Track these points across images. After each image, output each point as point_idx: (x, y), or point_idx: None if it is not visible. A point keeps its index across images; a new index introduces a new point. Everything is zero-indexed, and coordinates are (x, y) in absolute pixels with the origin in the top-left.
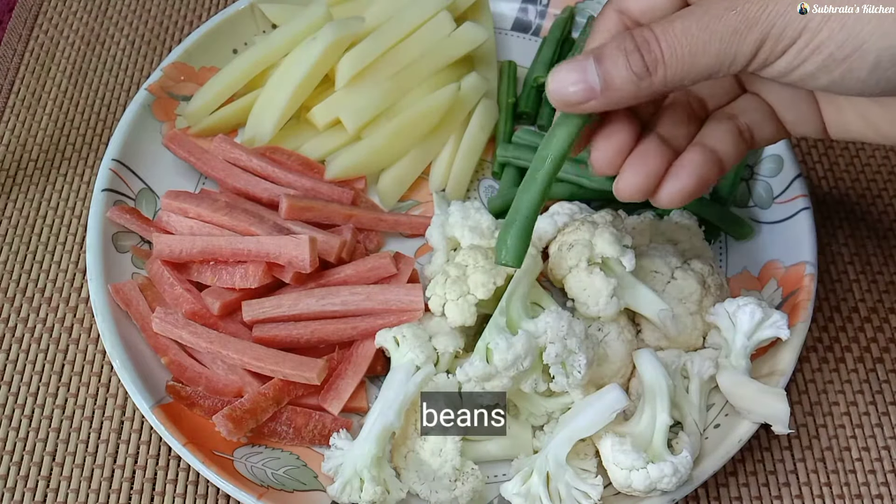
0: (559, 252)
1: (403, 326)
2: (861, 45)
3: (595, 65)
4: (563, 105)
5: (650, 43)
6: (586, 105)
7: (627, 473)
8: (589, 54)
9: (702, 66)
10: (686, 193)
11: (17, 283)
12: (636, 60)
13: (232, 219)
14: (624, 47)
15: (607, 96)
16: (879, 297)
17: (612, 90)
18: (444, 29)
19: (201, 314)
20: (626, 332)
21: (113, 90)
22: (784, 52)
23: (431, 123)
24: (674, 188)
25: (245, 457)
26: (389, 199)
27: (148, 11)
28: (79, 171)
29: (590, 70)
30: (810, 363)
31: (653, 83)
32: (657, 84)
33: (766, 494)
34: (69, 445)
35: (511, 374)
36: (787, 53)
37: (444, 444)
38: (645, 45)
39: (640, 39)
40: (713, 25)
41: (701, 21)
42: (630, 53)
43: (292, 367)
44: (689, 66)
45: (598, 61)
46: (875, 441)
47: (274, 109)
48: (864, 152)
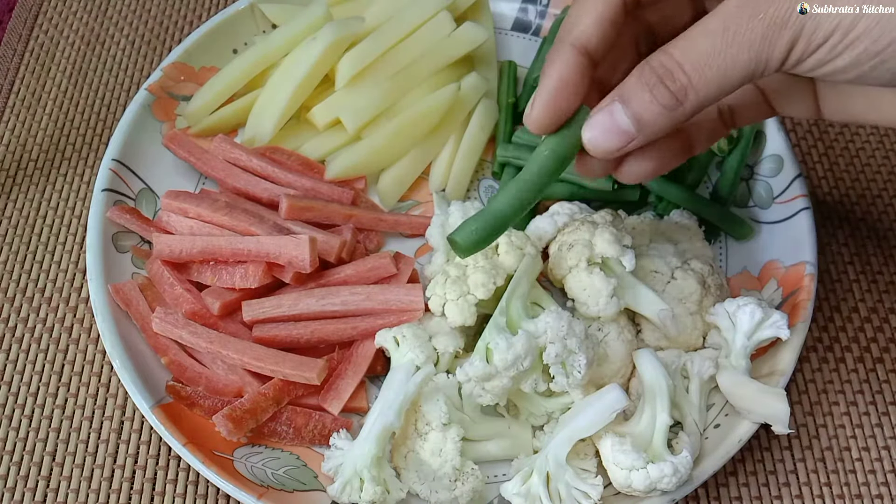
0: (559, 252)
1: (403, 326)
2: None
3: (623, 108)
4: (605, 154)
5: (673, 72)
6: (627, 148)
7: (627, 473)
8: (614, 97)
9: (734, 79)
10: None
11: (17, 283)
12: (662, 94)
13: (232, 219)
14: (645, 81)
15: (645, 134)
16: (879, 297)
17: (648, 127)
18: (444, 29)
19: (201, 314)
20: (626, 332)
21: (113, 90)
22: (817, 48)
23: (431, 123)
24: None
25: (245, 457)
26: (389, 199)
27: (148, 11)
28: (79, 171)
29: (619, 114)
30: (810, 363)
31: (686, 110)
32: (690, 108)
33: (766, 494)
34: (69, 445)
35: (511, 374)
36: (820, 50)
37: (444, 444)
38: (668, 75)
39: (661, 70)
40: (740, 36)
41: (726, 35)
42: (654, 87)
43: (292, 367)
44: (720, 84)
45: (625, 102)
46: (875, 441)
47: (274, 109)
48: (864, 152)
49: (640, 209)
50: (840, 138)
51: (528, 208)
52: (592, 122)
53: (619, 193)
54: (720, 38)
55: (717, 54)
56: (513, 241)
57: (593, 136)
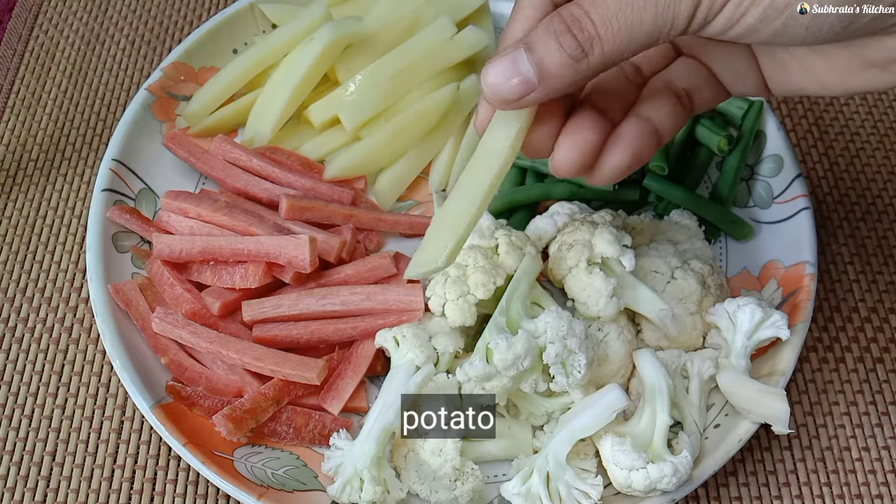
0: (559, 252)
1: (403, 326)
2: None
3: (526, 54)
4: (501, 103)
5: (581, 21)
6: (526, 99)
7: (627, 473)
8: (519, 43)
9: (640, 35)
10: (621, 170)
11: (17, 283)
12: (569, 41)
13: (232, 219)
14: (553, 29)
15: (546, 85)
16: (879, 297)
17: (550, 78)
18: (446, 33)
19: (201, 314)
20: (626, 332)
21: (113, 90)
22: (722, 7)
23: (430, 124)
24: (610, 164)
25: (245, 457)
26: (387, 200)
27: (148, 11)
28: (79, 171)
29: (521, 60)
30: (810, 363)
31: (591, 63)
32: (596, 63)
33: (766, 494)
34: (69, 445)
35: (511, 374)
36: (726, 8)
37: (444, 444)
38: (576, 24)
39: (569, 19)
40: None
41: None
42: (561, 35)
43: (292, 367)
44: (626, 39)
45: (530, 49)
46: (875, 441)
47: (273, 109)
48: (864, 152)
49: (640, 209)
50: (840, 138)
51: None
52: (492, 66)
53: (619, 193)
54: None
55: (625, 8)
56: (513, 241)
57: (492, 80)
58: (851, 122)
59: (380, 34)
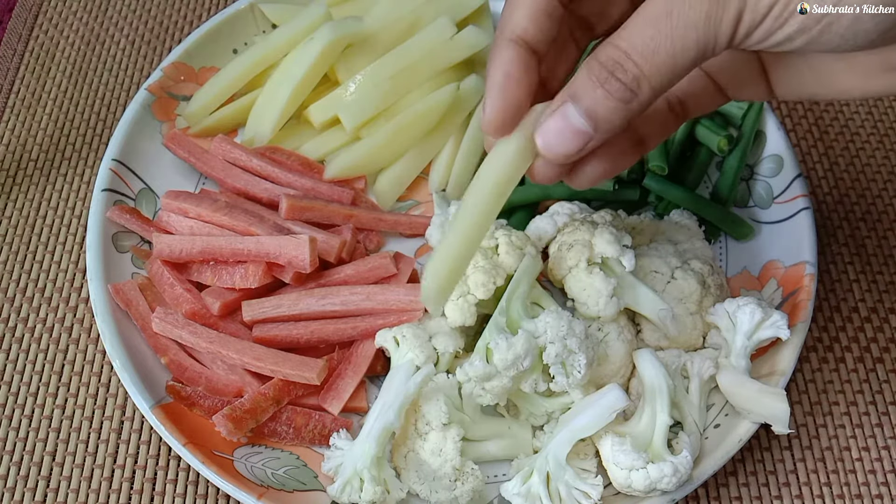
0: (559, 252)
1: (403, 326)
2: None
3: (574, 106)
4: (563, 159)
5: (622, 63)
6: (587, 148)
7: (627, 473)
8: (564, 98)
9: (685, 60)
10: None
11: (17, 283)
12: (615, 87)
13: (232, 219)
14: (595, 77)
15: (602, 131)
16: (879, 297)
17: (605, 123)
18: (446, 33)
19: (201, 314)
20: (626, 332)
21: (113, 90)
22: (763, 19)
23: (430, 124)
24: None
25: (245, 457)
26: (386, 200)
27: (148, 11)
28: (79, 171)
29: (572, 115)
30: (810, 363)
31: (642, 100)
32: (646, 98)
33: (766, 494)
34: (69, 445)
35: (511, 374)
36: (766, 19)
37: (444, 444)
38: (618, 68)
39: (609, 63)
40: (685, 17)
41: (670, 18)
42: (606, 82)
43: (292, 367)
44: (671, 67)
45: (576, 101)
46: (875, 441)
47: (273, 109)
48: (865, 152)
49: (640, 209)
50: (840, 138)
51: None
52: (545, 127)
53: (619, 193)
54: (665, 22)
55: (665, 39)
56: (513, 241)
57: (548, 140)
58: (851, 122)
59: (380, 34)
